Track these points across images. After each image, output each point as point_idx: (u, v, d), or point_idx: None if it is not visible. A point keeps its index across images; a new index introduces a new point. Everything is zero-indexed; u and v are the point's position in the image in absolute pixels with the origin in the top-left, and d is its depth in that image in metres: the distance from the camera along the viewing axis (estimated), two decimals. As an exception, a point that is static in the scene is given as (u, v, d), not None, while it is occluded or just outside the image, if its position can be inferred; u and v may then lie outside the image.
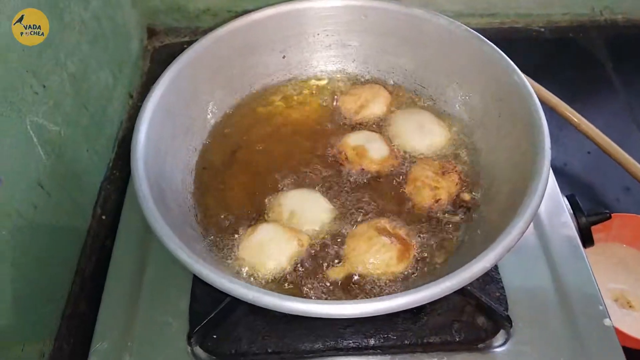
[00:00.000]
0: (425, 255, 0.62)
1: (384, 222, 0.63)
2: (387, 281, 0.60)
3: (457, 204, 0.66)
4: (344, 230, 0.64)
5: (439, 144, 0.72)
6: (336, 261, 0.61)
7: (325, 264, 0.61)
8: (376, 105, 0.77)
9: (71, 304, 0.70)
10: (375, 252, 0.60)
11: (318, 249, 0.62)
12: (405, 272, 0.60)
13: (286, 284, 0.60)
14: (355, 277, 0.60)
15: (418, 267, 0.61)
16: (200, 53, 0.71)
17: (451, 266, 0.58)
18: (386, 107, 0.77)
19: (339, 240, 0.63)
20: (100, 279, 0.67)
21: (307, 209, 0.65)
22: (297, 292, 0.59)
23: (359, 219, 0.65)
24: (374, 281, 0.60)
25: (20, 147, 0.61)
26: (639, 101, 1.02)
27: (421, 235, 0.64)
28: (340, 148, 0.71)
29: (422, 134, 0.73)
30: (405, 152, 0.72)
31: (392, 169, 0.70)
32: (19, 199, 0.60)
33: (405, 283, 0.60)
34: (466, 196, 0.67)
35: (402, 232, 0.63)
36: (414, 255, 0.62)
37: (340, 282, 0.60)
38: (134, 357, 0.60)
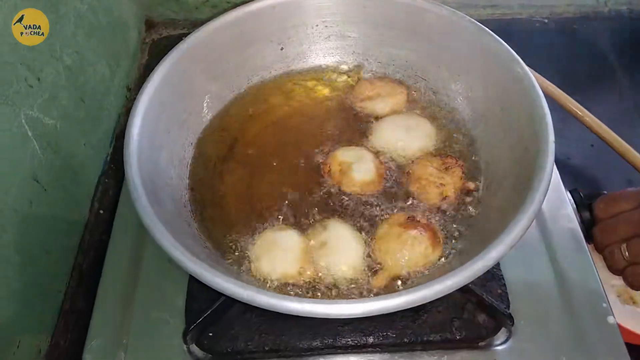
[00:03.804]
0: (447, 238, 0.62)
1: (402, 216, 0.62)
2: (428, 270, 0.59)
3: (462, 194, 0.65)
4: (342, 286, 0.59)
5: (431, 141, 0.71)
6: (378, 266, 0.59)
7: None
8: (384, 103, 0.75)
9: (68, 299, 0.69)
10: (410, 247, 0.58)
11: (313, 287, 0.59)
12: (443, 256, 0.60)
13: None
14: (399, 278, 0.59)
15: (449, 251, 0.60)
16: (195, 45, 0.70)
17: (458, 259, 0.58)
18: (392, 109, 0.75)
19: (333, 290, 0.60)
20: (98, 274, 0.66)
21: (338, 256, 0.60)
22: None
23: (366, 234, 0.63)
24: (418, 274, 0.58)
25: (14, 141, 0.60)
26: (643, 93, 1.00)
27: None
28: (327, 160, 0.69)
29: (411, 134, 0.71)
30: (402, 156, 0.70)
31: (373, 193, 0.66)
32: (14, 194, 0.59)
33: (443, 268, 0.59)
34: (471, 185, 0.66)
35: (423, 220, 0.62)
36: (443, 238, 0.61)
37: (384, 288, 0.58)
38: (129, 354, 0.59)
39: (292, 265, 0.59)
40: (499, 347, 0.59)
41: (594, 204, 0.69)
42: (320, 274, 0.59)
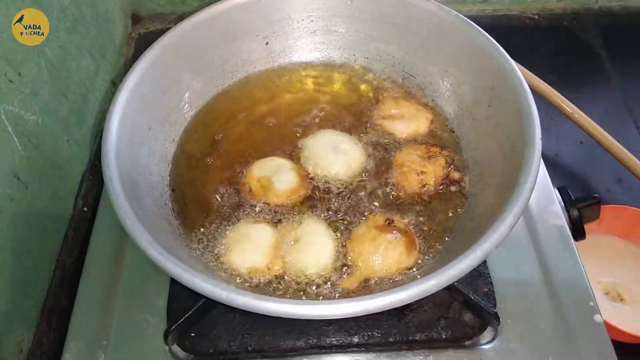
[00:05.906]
0: (426, 243, 0.61)
1: (380, 218, 0.61)
2: (401, 277, 0.58)
3: (446, 183, 0.65)
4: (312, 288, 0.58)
5: (357, 164, 0.68)
6: (345, 269, 0.59)
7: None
8: (404, 125, 0.71)
9: (51, 298, 0.68)
10: (384, 251, 0.58)
11: (280, 283, 0.58)
12: (416, 263, 0.59)
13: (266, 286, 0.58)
14: (369, 282, 0.58)
15: (425, 257, 0.59)
16: (178, 39, 0.69)
17: (444, 257, 0.58)
18: (413, 134, 0.71)
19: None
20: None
21: (309, 252, 0.59)
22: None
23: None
24: (389, 280, 0.58)
25: (-7, 136, 0.59)
26: (633, 90, 1.00)
27: (418, 222, 0.62)
28: (245, 179, 0.67)
29: (337, 155, 0.68)
30: (325, 176, 0.67)
31: (302, 198, 0.65)
32: (-7, 191, 0.58)
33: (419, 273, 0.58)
34: (456, 175, 0.65)
35: (401, 225, 0.61)
36: (419, 244, 0.60)
37: (354, 290, 0.57)
38: (109, 355, 0.58)
39: (261, 260, 0.58)
40: (485, 346, 0.58)
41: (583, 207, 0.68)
42: (290, 269, 0.59)
